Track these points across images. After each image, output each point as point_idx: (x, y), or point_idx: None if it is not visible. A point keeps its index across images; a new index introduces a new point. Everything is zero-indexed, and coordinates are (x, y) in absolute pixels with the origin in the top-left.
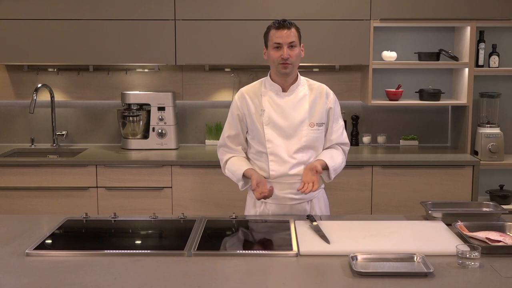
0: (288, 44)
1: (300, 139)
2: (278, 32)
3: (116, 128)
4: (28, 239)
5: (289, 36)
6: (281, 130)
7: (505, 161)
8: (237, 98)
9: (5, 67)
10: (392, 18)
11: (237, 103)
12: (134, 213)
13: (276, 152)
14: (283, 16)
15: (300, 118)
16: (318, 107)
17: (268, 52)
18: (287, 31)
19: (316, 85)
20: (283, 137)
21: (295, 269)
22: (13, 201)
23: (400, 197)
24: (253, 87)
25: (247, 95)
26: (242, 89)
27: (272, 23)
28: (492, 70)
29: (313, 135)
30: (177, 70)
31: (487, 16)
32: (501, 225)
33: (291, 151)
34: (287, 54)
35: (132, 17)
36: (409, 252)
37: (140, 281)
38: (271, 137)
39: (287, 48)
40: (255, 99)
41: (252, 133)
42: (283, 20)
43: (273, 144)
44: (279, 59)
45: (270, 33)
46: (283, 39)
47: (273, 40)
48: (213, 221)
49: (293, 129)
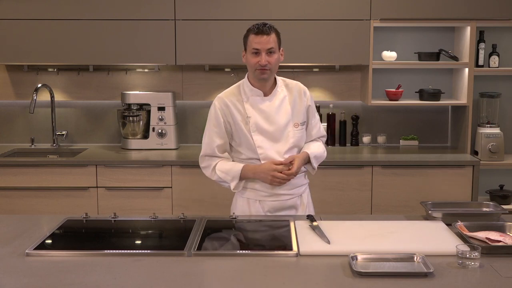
0: (267, 50)
1: (288, 140)
2: (257, 38)
3: (116, 128)
4: (28, 239)
5: (268, 42)
6: (268, 134)
7: (505, 161)
8: (219, 106)
9: (5, 67)
10: (392, 18)
11: (220, 111)
12: (134, 213)
13: (268, 155)
14: (283, 16)
15: (285, 121)
16: (298, 107)
17: (246, 56)
18: (266, 37)
19: (292, 84)
20: (272, 140)
21: (295, 269)
22: (13, 201)
23: (400, 197)
24: (232, 93)
25: (230, 102)
26: (222, 96)
27: (252, 26)
28: (492, 70)
29: (299, 134)
30: (177, 70)
31: (487, 16)
32: (501, 225)
33: (282, 153)
34: (265, 61)
35: (132, 17)
36: (409, 252)
37: (140, 281)
38: (260, 143)
39: (266, 54)
40: (238, 106)
41: (239, 140)
42: (263, 24)
43: (264, 149)
44: (257, 65)
45: (249, 38)
46: (262, 45)
47: (252, 46)
48: (213, 221)
49: (280, 132)
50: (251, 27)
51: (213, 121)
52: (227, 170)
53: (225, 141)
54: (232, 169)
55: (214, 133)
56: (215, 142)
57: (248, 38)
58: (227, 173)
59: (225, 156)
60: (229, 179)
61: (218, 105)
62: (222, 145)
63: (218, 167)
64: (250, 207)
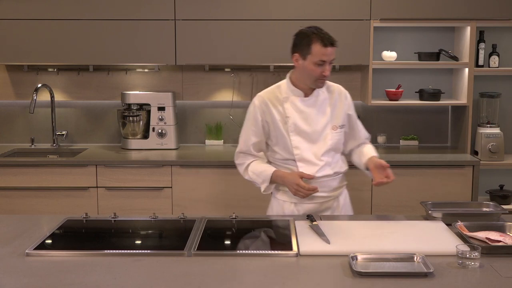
0: (330, 61)
1: (326, 142)
2: (324, 50)
3: (116, 128)
4: (28, 239)
5: (333, 53)
6: (306, 135)
7: (505, 161)
8: (258, 105)
9: (5, 67)
10: (392, 18)
11: (259, 110)
12: (134, 213)
13: (304, 157)
14: (283, 16)
15: (323, 122)
16: (338, 110)
17: (304, 64)
18: (332, 49)
19: (333, 87)
20: (309, 141)
21: (295, 269)
22: (13, 201)
23: (400, 197)
24: (272, 92)
25: (269, 101)
26: (262, 95)
27: (316, 35)
28: (492, 70)
29: (337, 137)
30: (177, 70)
31: (487, 16)
32: (501, 225)
33: (318, 154)
34: (328, 71)
35: (132, 17)
36: (409, 252)
37: (140, 281)
38: (298, 143)
39: (328, 65)
40: (277, 106)
41: (276, 140)
42: (327, 34)
43: (300, 150)
44: (320, 75)
45: (314, 47)
46: (328, 57)
47: (319, 57)
48: (213, 221)
49: (318, 133)
50: (315, 36)
51: (251, 119)
52: (259, 172)
53: (261, 139)
54: (263, 172)
55: (251, 131)
56: (251, 140)
57: (311, 47)
58: (258, 175)
59: (260, 156)
60: (260, 181)
61: (257, 103)
62: (258, 143)
63: (250, 167)
64: (285, 209)
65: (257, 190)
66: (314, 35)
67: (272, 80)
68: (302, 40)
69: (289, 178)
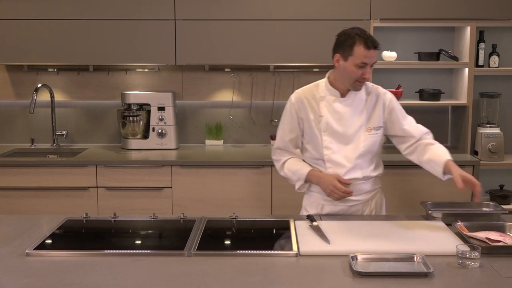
0: (372, 64)
1: (358, 145)
2: (368, 52)
3: (116, 128)
4: (28, 239)
5: (375, 56)
6: (339, 136)
7: (505, 161)
8: (295, 101)
9: (5, 67)
10: (392, 18)
11: (295, 106)
12: (134, 213)
13: (333, 159)
14: (283, 16)
15: (358, 124)
16: (375, 111)
17: (345, 65)
18: (374, 52)
19: (372, 87)
20: (341, 143)
21: (295, 269)
22: (13, 201)
23: (400, 197)
24: (310, 90)
25: (305, 99)
26: (299, 92)
27: (360, 37)
28: (492, 70)
29: (371, 139)
30: (177, 70)
31: (487, 16)
32: (501, 225)
33: (349, 157)
34: (369, 74)
35: (132, 17)
36: (409, 252)
37: (140, 281)
38: (328, 143)
39: (369, 67)
40: (313, 104)
41: (308, 138)
42: (371, 36)
43: (331, 151)
44: (360, 77)
45: (357, 49)
46: (371, 59)
47: (361, 59)
48: (213, 221)
49: (351, 135)
50: (358, 38)
51: (287, 116)
52: (295, 170)
53: (297, 135)
54: (299, 171)
55: (287, 128)
56: (288, 137)
57: (354, 48)
58: (294, 173)
59: (297, 153)
60: (295, 179)
61: (293, 100)
62: (295, 139)
63: (287, 164)
64: (313, 210)
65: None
66: (358, 36)
67: (272, 80)
68: (345, 41)
69: (326, 179)
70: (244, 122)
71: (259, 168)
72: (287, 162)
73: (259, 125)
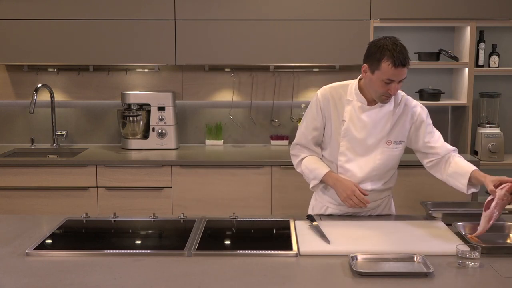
0: (400, 80)
1: (375, 157)
2: (395, 71)
3: (116, 128)
4: (28, 239)
5: (404, 74)
6: (357, 145)
7: (505, 161)
8: (321, 98)
9: (5, 67)
10: (392, 18)
11: (320, 103)
12: (134, 213)
13: (346, 166)
14: (283, 16)
15: (379, 135)
16: (400, 124)
17: (372, 77)
18: (402, 69)
19: (402, 99)
20: (358, 152)
21: (295, 269)
22: (13, 201)
23: (400, 197)
24: (338, 89)
25: (331, 98)
26: (327, 89)
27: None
28: (492, 70)
29: (389, 153)
30: (177, 70)
31: (487, 16)
32: (501, 225)
33: (363, 169)
34: (395, 90)
35: (132, 17)
36: (409, 252)
37: (140, 281)
38: (345, 150)
39: (397, 84)
40: (338, 105)
41: (329, 139)
42: (402, 54)
43: (345, 158)
44: (386, 93)
45: (384, 65)
46: (398, 77)
47: (387, 76)
48: (213, 221)
49: (370, 146)
50: (388, 53)
51: (312, 112)
52: (313, 168)
53: (320, 133)
54: (316, 169)
55: (311, 125)
56: (310, 135)
57: (381, 63)
58: (311, 171)
59: (317, 151)
60: (311, 178)
61: (320, 96)
62: (317, 137)
63: (305, 161)
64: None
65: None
66: (388, 52)
67: (272, 80)
68: (374, 53)
69: (345, 183)
70: (244, 122)
71: (259, 168)
72: (306, 159)
73: (259, 125)
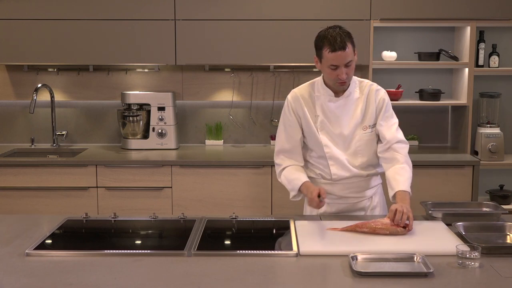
0: (345, 64)
1: (355, 143)
2: (335, 55)
3: (116, 128)
4: (28, 239)
5: (346, 57)
6: (334, 135)
7: (505, 161)
8: (292, 101)
9: (5, 67)
10: (392, 18)
11: (292, 105)
12: (134, 213)
13: (334, 155)
14: (282, 16)
15: (353, 123)
16: (369, 109)
17: (322, 67)
18: (342, 52)
19: (365, 84)
20: (338, 142)
21: (295, 269)
22: (13, 201)
23: None
24: (305, 89)
25: (301, 98)
26: (295, 91)
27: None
28: (492, 70)
29: (368, 137)
30: (177, 70)
31: (487, 16)
32: (501, 225)
33: (348, 156)
34: (345, 74)
35: (132, 17)
36: (409, 252)
37: (140, 281)
38: (327, 142)
39: (344, 67)
40: (309, 103)
41: (309, 136)
42: (337, 38)
43: (330, 149)
44: (336, 78)
45: (324, 52)
46: (340, 61)
47: (330, 62)
48: (213, 221)
49: (346, 134)
50: (324, 40)
51: (287, 116)
52: (290, 180)
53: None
54: (294, 180)
55: (288, 127)
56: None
57: (322, 51)
58: (289, 182)
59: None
60: (290, 188)
61: (290, 99)
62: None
63: (285, 172)
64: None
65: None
66: (325, 40)
67: (272, 80)
68: (317, 44)
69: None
70: (244, 122)
71: (259, 168)
72: (286, 170)
73: (259, 125)
